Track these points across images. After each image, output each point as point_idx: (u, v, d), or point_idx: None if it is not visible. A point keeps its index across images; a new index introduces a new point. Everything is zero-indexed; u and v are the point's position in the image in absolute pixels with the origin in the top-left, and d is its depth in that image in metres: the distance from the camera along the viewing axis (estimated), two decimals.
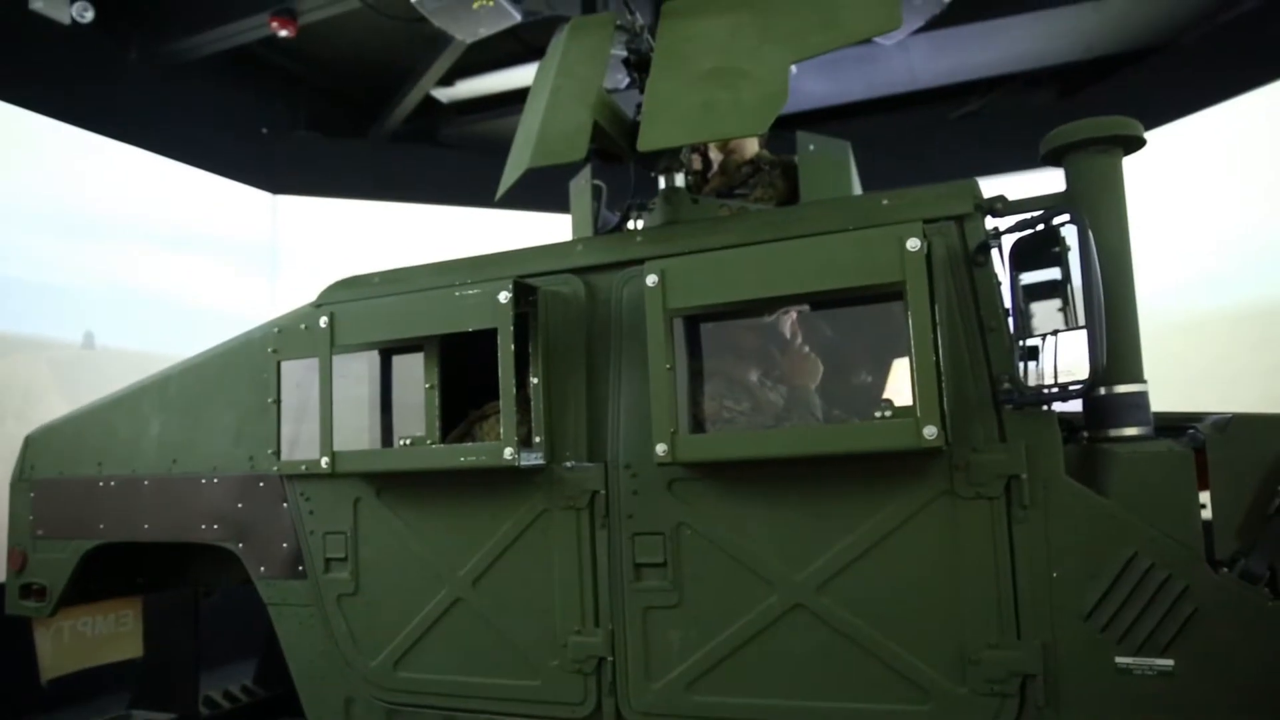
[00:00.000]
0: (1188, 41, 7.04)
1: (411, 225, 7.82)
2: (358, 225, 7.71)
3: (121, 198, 6.29)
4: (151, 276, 6.45)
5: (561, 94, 2.54)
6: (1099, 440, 2.28)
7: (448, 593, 2.75)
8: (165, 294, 6.51)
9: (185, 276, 6.68)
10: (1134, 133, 2.31)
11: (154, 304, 6.41)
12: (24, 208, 5.66)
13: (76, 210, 5.98)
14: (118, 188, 6.26)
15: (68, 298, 5.91)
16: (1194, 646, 2.08)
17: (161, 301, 6.47)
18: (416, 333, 2.73)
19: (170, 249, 6.59)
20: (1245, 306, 6.34)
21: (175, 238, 6.63)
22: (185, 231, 6.72)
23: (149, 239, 6.44)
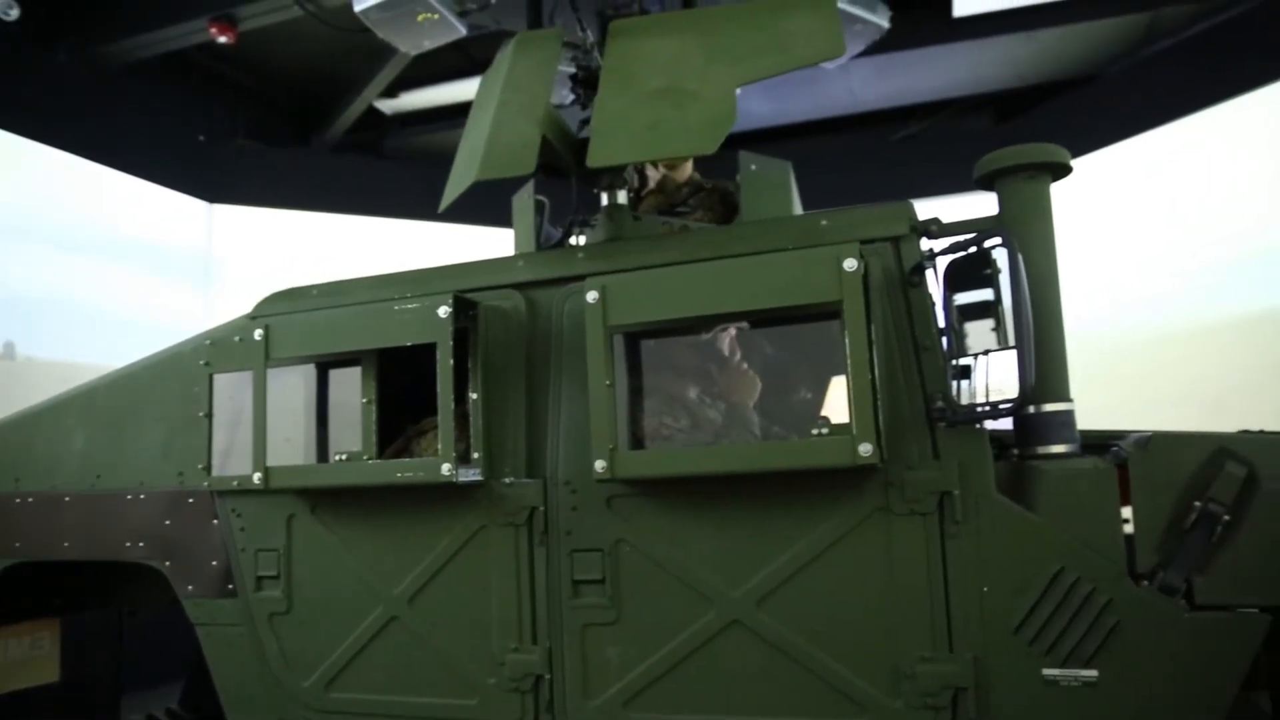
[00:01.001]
0: (1112, 74, 7.32)
1: (352, 237, 7.71)
2: (297, 236, 7.57)
3: (47, 203, 6.08)
4: (78, 285, 6.24)
5: (509, 107, 2.54)
6: (1028, 457, 2.35)
7: (383, 611, 2.71)
8: (92, 304, 6.31)
9: (114, 286, 6.48)
10: (1061, 160, 2.39)
11: (80, 314, 6.21)
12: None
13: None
14: (42, 193, 6.05)
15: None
16: (1116, 657, 2.15)
17: (88, 311, 6.26)
18: (354, 346, 2.69)
19: (98, 257, 6.40)
20: (1169, 329, 6.59)
21: (104, 246, 6.43)
22: (115, 239, 6.53)
23: (76, 247, 6.23)
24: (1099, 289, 6.66)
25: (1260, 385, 5.94)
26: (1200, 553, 2.16)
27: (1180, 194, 6.57)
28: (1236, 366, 6.10)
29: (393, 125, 8.32)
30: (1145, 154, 6.79)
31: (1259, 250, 6.18)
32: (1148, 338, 6.65)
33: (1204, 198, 6.40)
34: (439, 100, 7.81)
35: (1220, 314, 6.31)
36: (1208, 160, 6.45)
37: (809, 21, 2.45)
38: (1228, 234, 6.31)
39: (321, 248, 7.56)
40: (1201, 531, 2.16)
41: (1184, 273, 6.54)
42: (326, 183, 7.77)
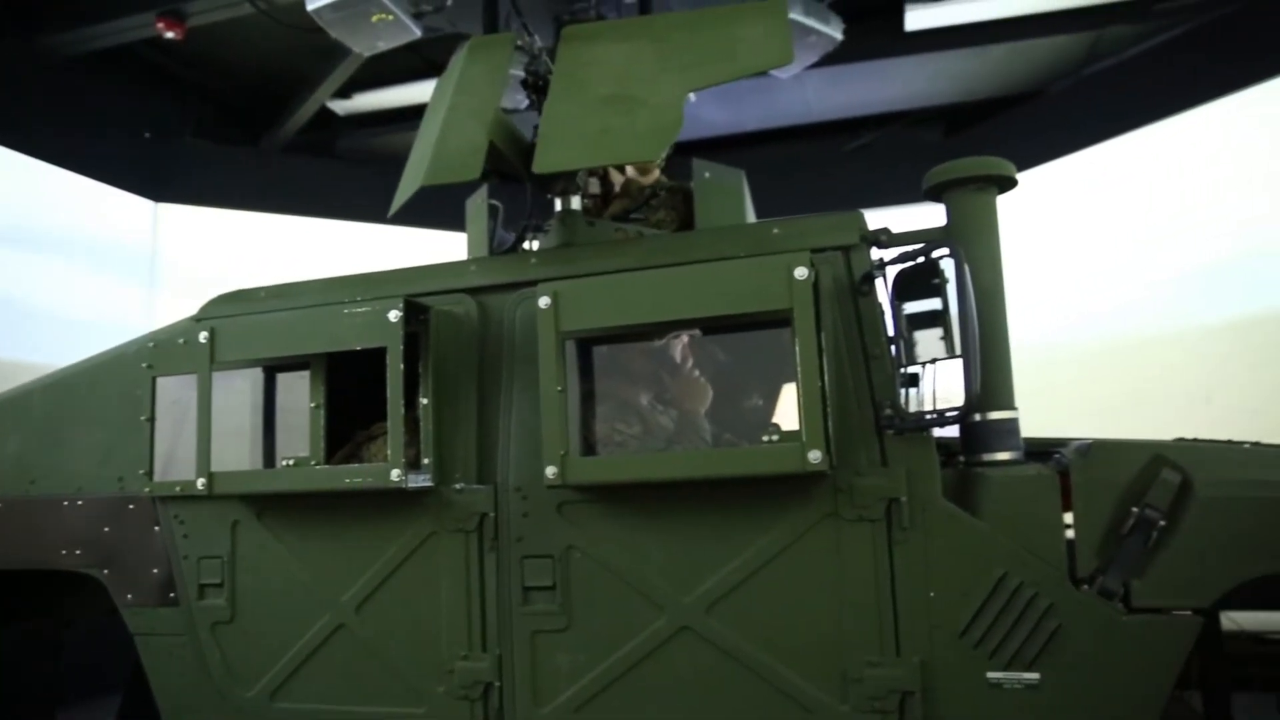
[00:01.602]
0: (1058, 90, 7.52)
1: (303, 239, 7.59)
2: (245, 238, 7.43)
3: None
4: (15, 285, 6.05)
5: (458, 112, 2.53)
6: (973, 464, 2.39)
7: (330, 619, 2.67)
8: (31, 303, 6.12)
9: (54, 286, 6.30)
10: (1007, 173, 2.44)
11: (18, 313, 6.02)
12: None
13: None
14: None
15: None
16: (1057, 660, 2.19)
17: (26, 311, 6.07)
18: (303, 350, 2.65)
19: (37, 256, 6.20)
20: (1110, 340, 6.77)
21: (43, 244, 6.24)
22: (54, 238, 6.33)
23: (13, 244, 6.05)
24: (1044, 301, 6.82)
25: (1210, 393, 6.13)
26: (1137, 557, 2.21)
27: (1127, 207, 6.76)
28: (1184, 378, 6.29)
29: (346, 126, 8.21)
30: (1092, 168, 6.99)
31: (1202, 263, 6.39)
32: (1090, 349, 6.82)
33: (1149, 211, 6.60)
34: (393, 102, 7.73)
35: (1168, 326, 6.51)
36: (1153, 175, 6.65)
37: (759, 30, 2.47)
38: (1173, 247, 6.51)
39: (271, 250, 7.43)
40: (1138, 536, 2.22)
41: (1131, 284, 6.73)
42: (277, 183, 7.64)
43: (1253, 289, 6.11)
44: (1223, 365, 6.10)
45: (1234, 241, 6.25)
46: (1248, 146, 6.18)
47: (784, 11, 2.52)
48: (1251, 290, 6.10)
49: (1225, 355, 6.11)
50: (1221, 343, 6.15)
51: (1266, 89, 6.06)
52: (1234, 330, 6.14)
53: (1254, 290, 6.09)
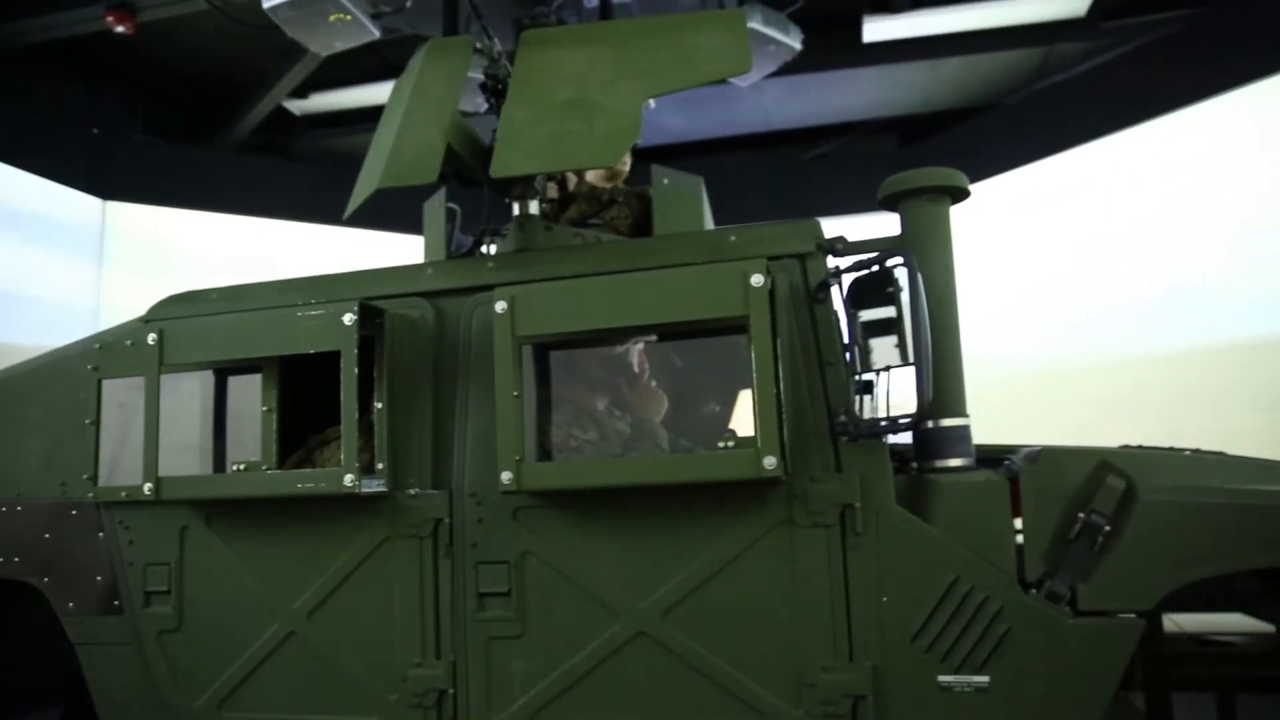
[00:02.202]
0: (1011, 103, 7.67)
1: (256, 241, 7.46)
2: (197, 238, 7.29)
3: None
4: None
5: (415, 115, 2.51)
6: (926, 470, 2.42)
7: (280, 626, 2.62)
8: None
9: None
10: (960, 184, 2.48)
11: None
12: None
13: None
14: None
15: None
16: (1006, 663, 2.23)
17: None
18: (255, 353, 2.60)
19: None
20: (1062, 353, 6.92)
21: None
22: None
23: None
24: (991, 313, 6.94)
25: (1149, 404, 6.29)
26: (1083, 562, 2.25)
27: (1076, 220, 6.92)
28: (1134, 391, 6.45)
29: (302, 126, 8.10)
30: (1043, 181, 7.15)
31: (1147, 279, 6.56)
32: (1041, 360, 6.97)
33: (1098, 225, 6.77)
34: (351, 103, 7.65)
35: (1116, 341, 6.68)
36: (1101, 189, 6.82)
37: (718, 38, 2.49)
38: (1119, 261, 6.67)
39: (223, 251, 7.30)
40: (1084, 541, 2.26)
41: (1077, 299, 6.88)
42: (230, 183, 7.50)
43: (1198, 303, 6.30)
44: (1174, 378, 6.28)
45: (1178, 255, 6.43)
46: (1192, 162, 6.37)
47: (743, 21, 2.54)
48: (1198, 305, 6.29)
49: (1177, 370, 6.29)
50: (1172, 358, 6.33)
51: (1210, 105, 6.26)
52: (1186, 345, 6.33)
53: (1201, 305, 6.28)
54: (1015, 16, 6.61)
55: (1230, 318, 6.10)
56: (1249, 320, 6.00)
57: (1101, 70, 7.04)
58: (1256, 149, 6.07)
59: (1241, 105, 6.15)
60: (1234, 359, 6.04)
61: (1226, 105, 6.20)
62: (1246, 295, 6.05)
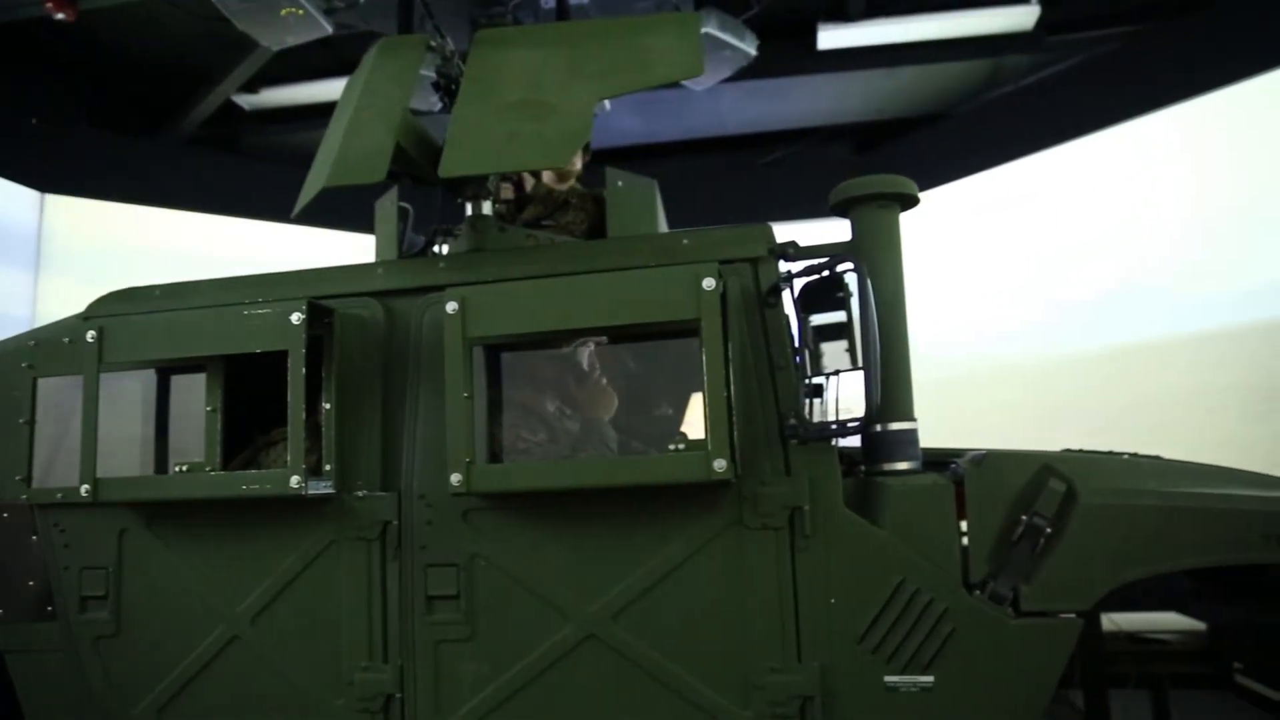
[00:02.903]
0: (962, 113, 7.82)
1: (204, 237, 7.31)
2: (141, 233, 7.11)
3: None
4: None
5: (364, 113, 2.48)
6: (874, 473, 2.45)
7: (223, 630, 2.57)
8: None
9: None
10: (910, 191, 2.52)
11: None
12: None
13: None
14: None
15: None
16: (951, 663, 2.26)
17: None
18: (199, 352, 2.55)
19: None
20: (1007, 357, 7.07)
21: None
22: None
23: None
24: (938, 318, 7.07)
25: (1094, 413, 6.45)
26: (1026, 563, 2.30)
27: (1023, 229, 7.08)
28: (1074, 397, 6.60)
29: (252, 121, 7.96)
30: (993, 188, 7.30)
31: (1089, 286, 6.73)
32: (994, 365, 7.12)
33: (1050, 231, 6.93)
34: (303, 99, 7.53)
35: (1059, 346, 6.84)
36: (1049, 198, 6.99)
37: (671, 41, 2.50)
38: (1063, 270, 6.84)
39: (168, 247, 7.13)
40: (1027, 543, 2.30)
41: (1017, 304, 7.03)
42: (177, 178, 7.34)
43: (1138, 307, 6.48)
44: (1115, 379, 6.44)
45: (1119, 262, 6.61)
46: (1133, 173, 6.56)
47: (696, 25, 2.55)
48: (1138, 309, 6.47)
49: (1117, 371, 6.47)
50: (1113, 359, 6.50)
51: (1151, 120, 6.45)
52: (1120, 351, 6.50)
53: (1140, 309, 6.46)
54: (965, 28, 6.76)
55: (1170, 320, 6.30)
56: (1189, 322, 6.21)
57: (1048, 83, 7.22)
58: (1193, 161, 6.28)
59: (1179, 119, 6.36)
60: (1173, 359, 6.24)
61: (1165, 118, 6.41)
62: (1186, 299, 6.25)
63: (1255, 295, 5.85)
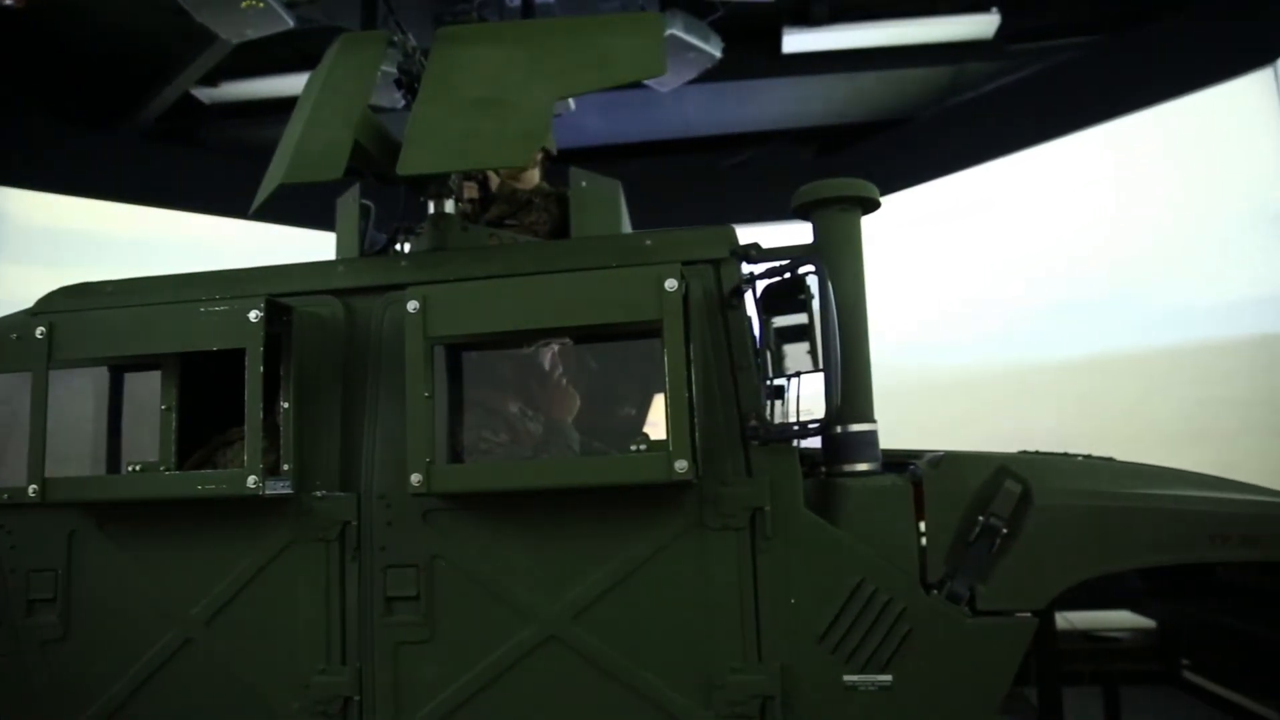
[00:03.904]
0: (923, 119, 7.93)
1: (161, 232, 7.17)
2: (95, 227, 6.95)
3: None
4: None
5: (323, 109, 2.46)
6: (834, 474, 2.47)
7: (176, 634, 2.52)
8: None
9: None
10: (871, 195, 2.54)
11: None
12: None
13: None
14: None
15: None
16: (908, 662, 2.29)
17: None
18: (154, 349, 2.50)
19: None
20: (966, 360, 7.18)
21: None
22: None
23: None
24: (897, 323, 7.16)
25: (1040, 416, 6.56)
26: (982, 563, 2.32)
27: (975, 238, 7.20)
28: (1026, 398, 6.72)
29: (211, 115, 7.82)
30: (953, 193, 7.41)
31: (1044, 295, 6.85)
32: (953, 371, 7.22)
33: (1009, 236, 7.05)
34: (264, 93, 7.41)
35: (1013, 351, 6.96)
36: (1004, 205, 7.10)
37: (633, 40, 2.50)
38: (1018, 277, 6.96)
39: (123, 242, 6.99)
40: (983, 543, 2.33)
41: (977, 311, 7.15)
42: (133, 172, 7.19)
43: (1096, 314, 6.62)
44: (1071, 384, 6.58)
45: (1076, 268, 6.74)
46: (1091, 180, 6.69)
47: (659, 25, 2.56)
48: (1096, 315, 6.61)
49: (1075, 376, 6.60)
50: (1071, 365, 6.64)
51: (1108, 129, 6.60)
52: (1075, 356, 6.63)
53: (1098, 315, 6.60)
54: (927, 35, 6.85)
55: (1126, 328, 6.44)
56: (1145, 330, 6.35)
57: (1007, 91, 7.34)
58: (1150, 169, 6.43)
59: (1136, 128, 6.50)
60: (1128, 367, 6.38)
61: (1123, 127, 6.55)
62: (1141, 306, 6.39)
63: (1212, 311, 6.03)
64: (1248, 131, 5.99)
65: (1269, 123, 5.90)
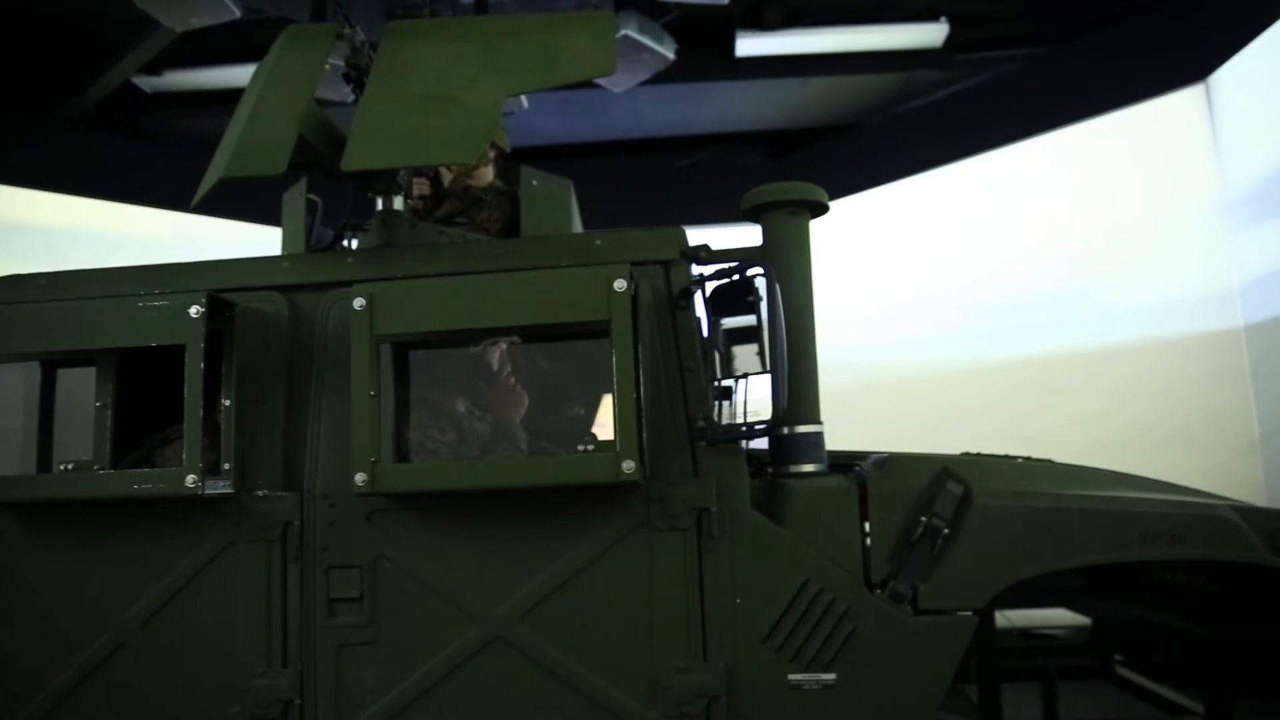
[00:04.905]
0: (873, 124, 8.05)
1: (98, 225, 6.97)
2: (27, 218, 6.72)
3: None
4: None
5: (268, 103, 2.42)
6: (780, 475, 2.49)
7: (110, 637, 2.46)
8: None
9: None
10: (819, 199, 2.57)
11: None
12: None
13: None
14: None
15: None
16: (852, 660, 2.32)
17: None
18: (90, 344, 2.43)
19: None
20: (909, 362, 7.30)
21: None
22: None
23: None
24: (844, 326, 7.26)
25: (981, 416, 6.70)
26: (924, 563, 2.37)
27: (930, 237, 7.33)
28: (963, 402, 6.86)
29: (153, 105, 7.62)
30: (901, 198, 7.53)
31: (986, 298, 7.00)
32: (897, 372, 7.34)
33: (954, 241, 7.18)
34: (208, 84, 7.24)
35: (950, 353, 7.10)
36: (949, 212, 7.24)
37: (584, 39, 2.50)
38: (960, 282, 7.11)
39: (58, 234, 6.77)
40: (925, 543, 2.38)
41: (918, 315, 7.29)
42: (69, 161, 6.96)
43: (1035, 317, 6.78)
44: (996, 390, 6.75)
45: (1017, 273, 6.90)
46: (1036, 188, 6.86)
47: (610, 24, 2.56)
48: (1035, 319, 6.77)
49: (1014, 377, 6.75)
50: (1009, 367, 6.79)
51: (1054, 138, 6.77)
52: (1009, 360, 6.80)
53: (1037, 319, 6.76)
54: (878, 43, 6.96)
55: (1064, 330, 6.62)
56: (1083, 333, 6.53)
57: (955, 99, 7.48)
58: (1090, 178, 6.61)
59: (1077, 138, 6.68)
60: (1068, 369, 6.55)
61: (1065, 136, 6.73)
62: (1078, 310, 6.58)
63: (1156, 310, 6.22)
64: (1181, 142, 6.23)
65: (1201, 135, 6.13)
